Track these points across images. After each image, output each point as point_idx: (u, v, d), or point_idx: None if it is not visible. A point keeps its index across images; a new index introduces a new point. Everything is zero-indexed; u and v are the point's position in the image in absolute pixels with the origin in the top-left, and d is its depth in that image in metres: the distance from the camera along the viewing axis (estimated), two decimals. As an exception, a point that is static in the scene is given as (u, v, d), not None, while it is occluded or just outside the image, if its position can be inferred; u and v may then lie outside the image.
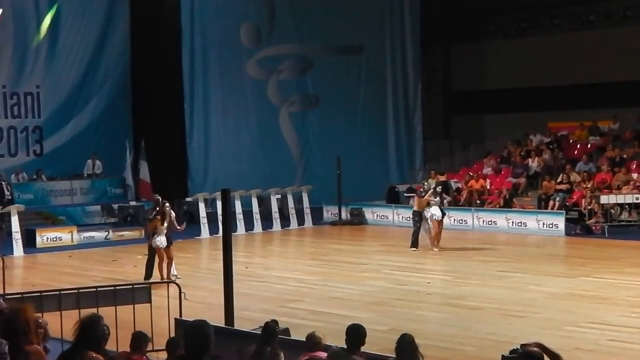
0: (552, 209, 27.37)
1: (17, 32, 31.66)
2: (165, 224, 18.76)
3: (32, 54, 32.05)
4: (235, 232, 24.67)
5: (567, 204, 27.54)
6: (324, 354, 8.10)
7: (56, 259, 23.45)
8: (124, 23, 33.81)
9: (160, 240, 18.73)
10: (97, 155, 32.01)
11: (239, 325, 11.98)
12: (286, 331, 11.03)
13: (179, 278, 17.50)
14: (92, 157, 31.99)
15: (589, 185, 27.57)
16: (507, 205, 28.48)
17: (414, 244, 22.89)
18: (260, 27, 35.22)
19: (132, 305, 12.10)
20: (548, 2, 34.97)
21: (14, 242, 24.11)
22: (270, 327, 8.86)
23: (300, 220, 29.61)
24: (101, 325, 6.23)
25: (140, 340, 9.17)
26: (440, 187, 24.20)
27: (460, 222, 27.63)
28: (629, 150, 30.04)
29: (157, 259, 18.94)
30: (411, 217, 23.73)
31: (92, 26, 33.11)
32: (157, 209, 19.10)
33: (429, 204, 23.03)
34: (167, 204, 19.27)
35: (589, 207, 26.27)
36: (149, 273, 19.08)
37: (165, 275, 18.56)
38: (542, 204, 28.07)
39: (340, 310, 15.27)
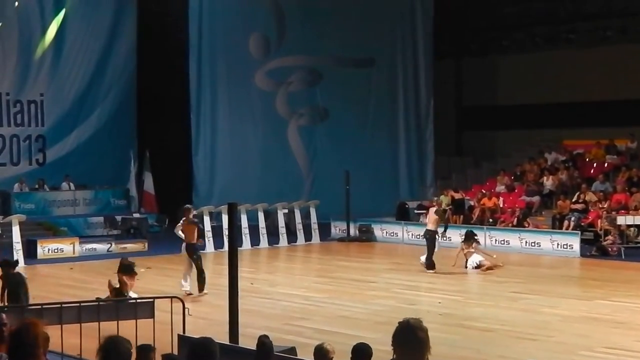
0: (567, 229, 26.94)
1: (22, 40, 31.58)
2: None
3: (36, 61, 32.03)
4: (240, 246, 24.22)
5: (582, 224, 27.06)
6: None
7: (57, 270, 23.34)
8: (130, 32, 33.74)
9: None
10: (70, 178, 31.55)
11: (243, 342, 11.80)
12: (292, 350, 10.94)
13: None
14: (65, 180, 31.58)
15: (605, 206, 27.04)
16: (520, 224, 27.92)
17: (431, 265, 21.99)
18: (270, 37, 34.88)
19: (134, 320, 11.98)
20: (563, 17, 34.56)
21: (14, 252, 23.81)
22: (267, 344, 8.44)
23: (308, 236, 29.28)
24: (124, 346, 5.81)
25: (146, 354, 8.67)
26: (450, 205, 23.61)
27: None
28: (646, 170, 29.49)
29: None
30: (422, 235, 22.87)
31: (98, 35, 33.07)
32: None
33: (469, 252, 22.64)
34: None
35: (605, 228, 25.71)
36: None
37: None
38: (557, 224, 27.68)
39: (348, 330, 15.02)
